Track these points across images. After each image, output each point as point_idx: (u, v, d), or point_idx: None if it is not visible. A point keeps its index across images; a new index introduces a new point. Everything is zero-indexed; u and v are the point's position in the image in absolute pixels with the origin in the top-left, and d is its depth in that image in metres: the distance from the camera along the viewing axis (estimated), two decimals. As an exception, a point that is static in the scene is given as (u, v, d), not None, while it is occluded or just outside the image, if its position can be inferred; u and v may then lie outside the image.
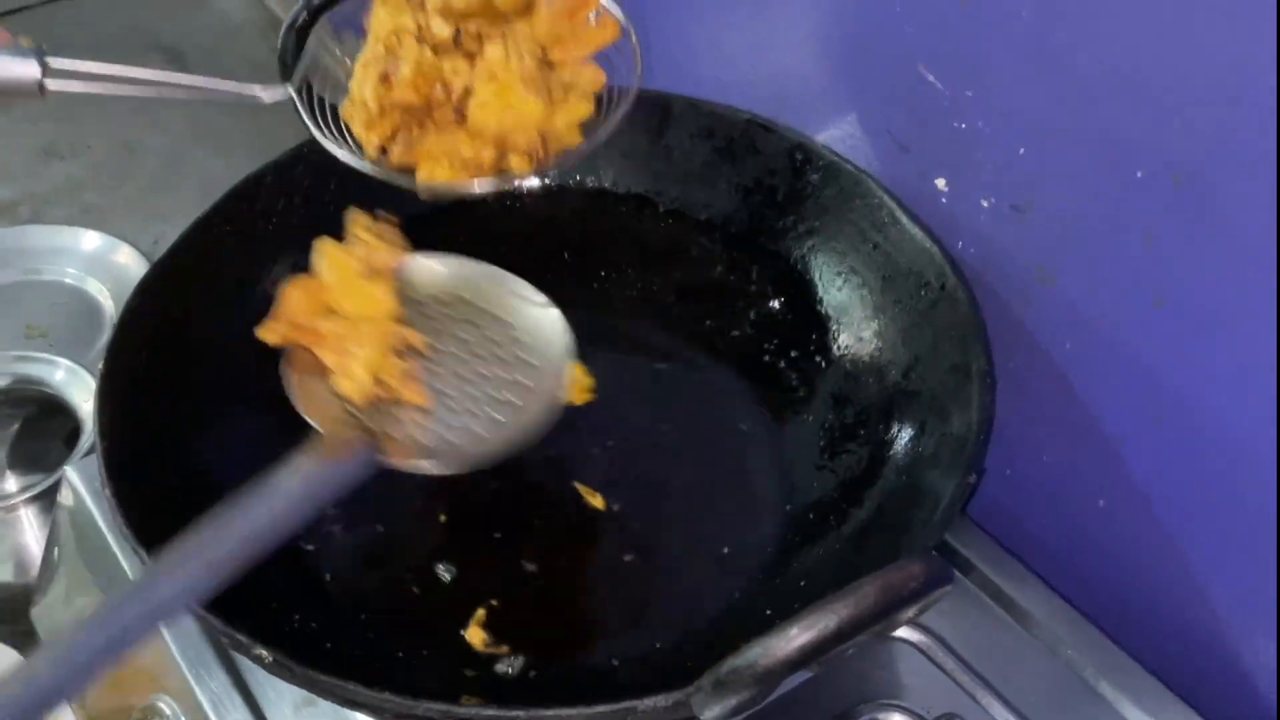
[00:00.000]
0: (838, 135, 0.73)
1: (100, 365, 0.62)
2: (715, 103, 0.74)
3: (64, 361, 0.91)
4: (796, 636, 0.43)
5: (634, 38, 0.63)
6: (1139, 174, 0.55)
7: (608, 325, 0.77)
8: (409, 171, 0.61)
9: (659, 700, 0.47)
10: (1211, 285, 0.54)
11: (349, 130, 0.63)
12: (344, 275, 0.59)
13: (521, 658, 0.59)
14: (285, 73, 0.75)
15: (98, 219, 1.21)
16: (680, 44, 0.82)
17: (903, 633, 0.65)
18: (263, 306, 0.71)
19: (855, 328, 0.70)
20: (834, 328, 0.71)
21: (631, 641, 0.61)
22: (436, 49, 0.61)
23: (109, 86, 0.57)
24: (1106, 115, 0.55)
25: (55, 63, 0.55)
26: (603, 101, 0.63)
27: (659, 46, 0.83)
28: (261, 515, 0.50)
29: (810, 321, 0.72)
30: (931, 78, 0.63)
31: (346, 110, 0.62)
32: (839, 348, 0.70)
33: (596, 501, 0.66)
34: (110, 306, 1.11)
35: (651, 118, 0.75)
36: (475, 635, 0.60)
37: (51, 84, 0.54)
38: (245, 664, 0.63)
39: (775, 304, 0.74)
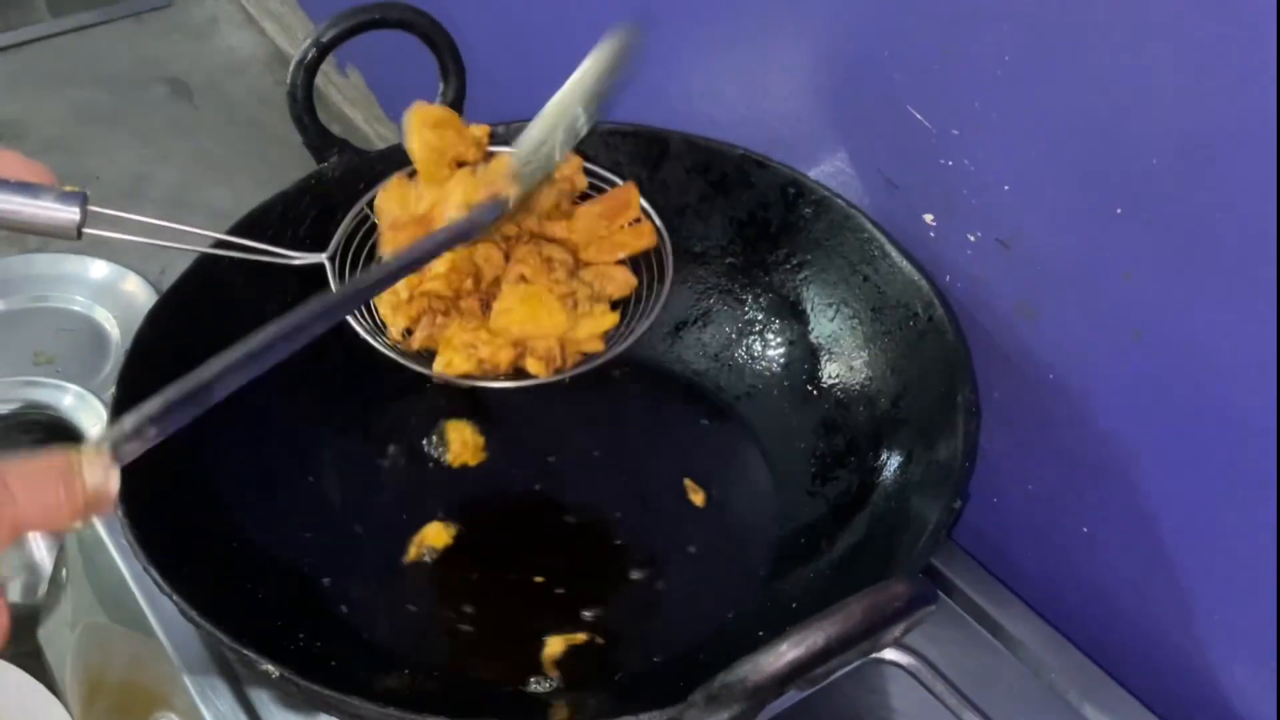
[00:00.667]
0: (829, 171, 0.75)
1: (111, 391, 0.63)
2: (710, 138, 0.76)
3: (73, 387, 0.93)
4: (786, 653, 0.45)
5: (668, 244, 0.64)
6: (1118, 211, 0.57)
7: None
8: (428, 355, 0.62)
9: (654, 716, 0.48)
10: (1187, 319, 0.56)
11: (374, 307, 0.64)
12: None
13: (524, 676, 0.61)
14: (294, 106, 0.77)
15: (105, 248, 1.23)
16: (677, 85, 0.84)
17: (891, 655, 0.66)
18: (270, 334, 0.73)
19: (846, 357, 0.71)
20: (825, 357, 0.72)
21: (627, 659, 0.62)
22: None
23: (143, 236, 0.59)
24: (1087, 154, 0.57)
25: (94, 210, 0.56)
26: (629, 305, 0.64)
27: (656, 87, 0.85)
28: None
29: (802, 350, 0.73)
30: (919, 118, 0.65)
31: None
32: (830, 377, 0.72)
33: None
34: (117, 334, 1.12)
35: (648, 153, 0.77)
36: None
37: (89, 230, 0.55)
38: (251, 682, 0.64)
39: (768, 333, 0.75)
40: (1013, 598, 0.70)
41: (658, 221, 0.66)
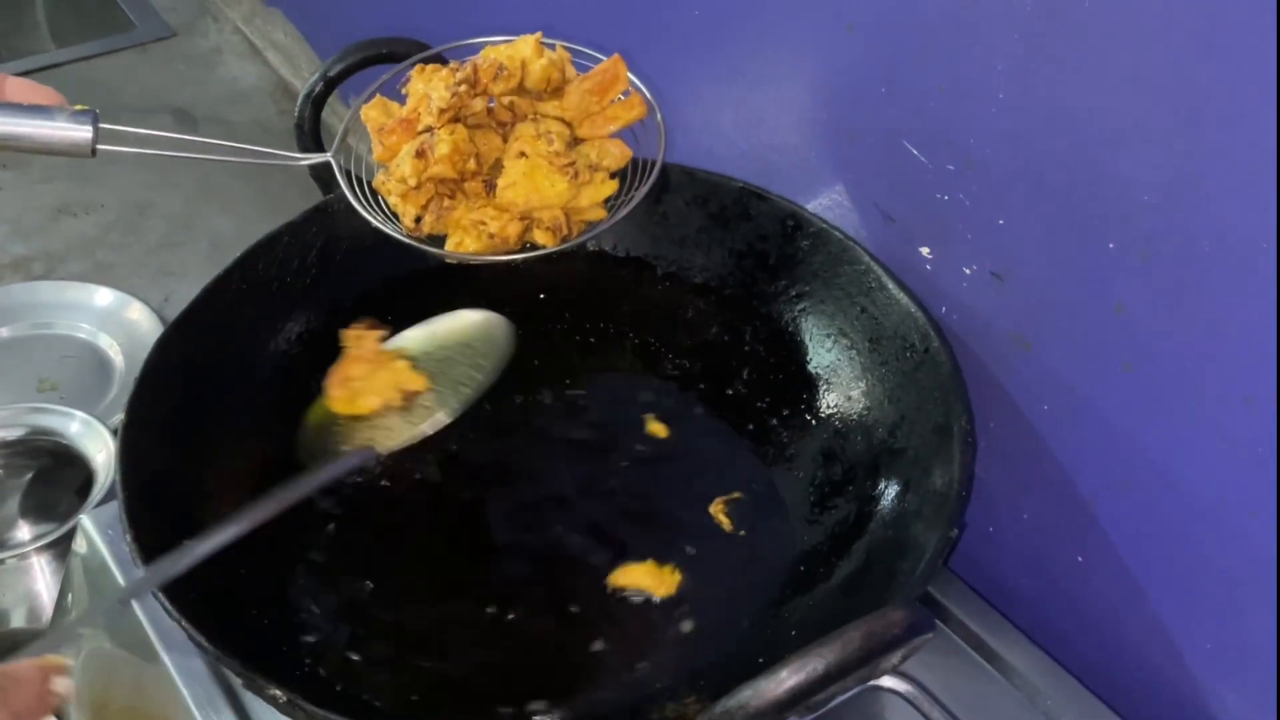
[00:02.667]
0: (826, 204, 0.76)
1: (121, 417, 0.64)
2: (710, 172, 0.77)
3: (79, 414, 0.93)
4: (786, 679, 0.46)
5: (659, 116, 0.66)
6: (1110, 246, 0.58)
7: (606, 383, 0.79)
8: (439, 239, 0.64)
9: (656, 741, 0.49)
10: (1178, 352, 0.57)
11: (383, 200, 0.66)
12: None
13: (526, 702, 0.61)
14: (302, 138, 0.78)
15: (110, 275, 1.24)
16: (675, 119, 0.85)
17: (888, 682, 0.67)
18: (277, 361, 0.74)
19: (844, 387, 0.72)
20: (823, 387, 0.73)
21: (630, 687, 0.63)
22: (470, 120, 0.64)
23: (153, 148, 0.60)
24: (1079, 190, 0.58)
25: (105, 126, 0.57)
26: (626, 176, 0.67)
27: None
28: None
29: (801, 381, 0.74)
30: (915, 153, 0.66)
31: (380, 183, 0.65)
32: (828, 406, 0.73)
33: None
34: (121, 361, 1.13)
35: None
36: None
37: (102, 145, 0.56)
38: (253, 706, 0.65)
39: (767, 364, 0.76)
40: (1008, 625, 0.70)
41: (646, 93, 0.67)
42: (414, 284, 0.78)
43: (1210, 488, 0.58)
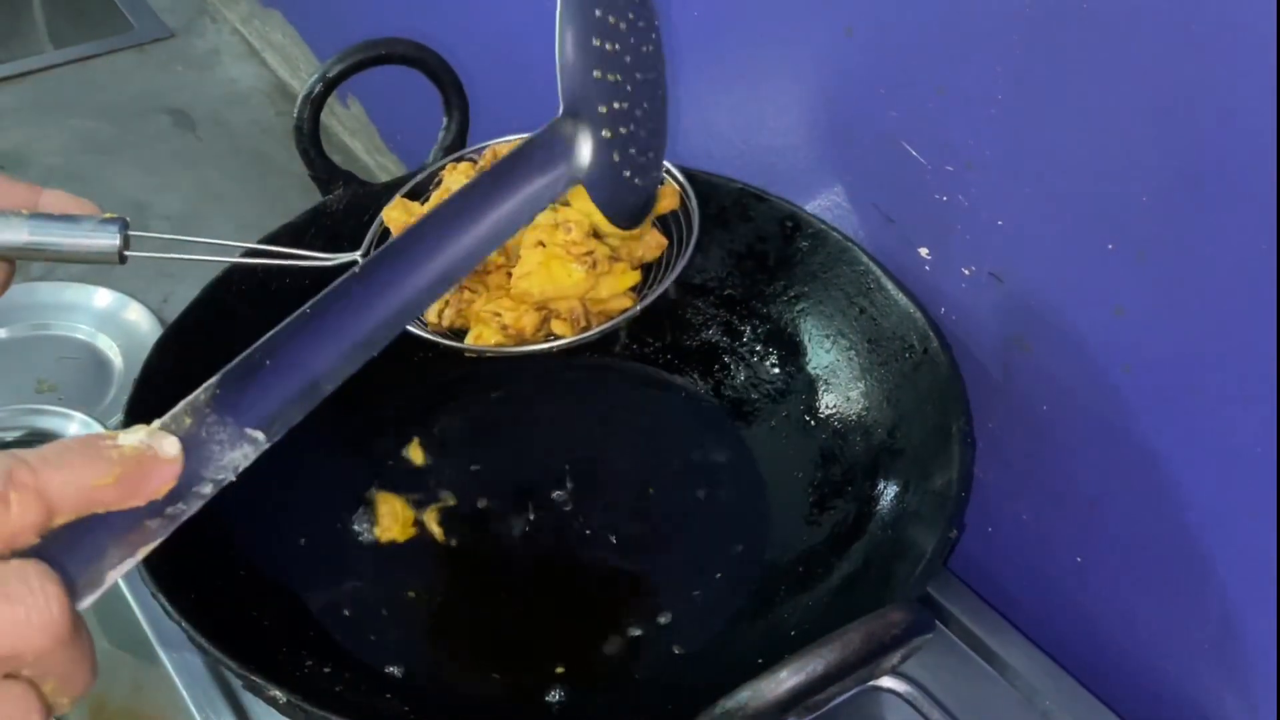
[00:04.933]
0: (825, 205, 0.76)
1: (120, 418, 0.64)
2: (709, 173, 0.77)
3: (78, 415, 0.93)
4: (786, 680, 0.46)
5: (693, 202, 0.65)
6: (1110, 247, 0.58)
7: (607, 384, 0.79)
8: (460, 333, 0.63)
9: (655, 742, 0.49)
10: (1177, 354, 0.57)
11: None
12: None
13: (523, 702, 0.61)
14: (300, 140, 0.78)
15: (108, 276, 1.23)
16: (674, 121, 0.85)
17: (888, 683, 0.67)
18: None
19: (843, 388, 0.72)
20: (822, 388, 0.73)
21: (626, 690, 0.63)
22: None
23: (180, 255, 0.60)
24: (1078, 191, 0.58)
25: (134, 234, 0.57)
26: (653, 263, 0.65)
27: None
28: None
29: (800, 381, 0.74)
30: (914, 154, 0.66)
31: None
32: (827, 407, 0.73)
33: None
34: (120, 362, 1.13)
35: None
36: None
37: (131, 252, 0.56)
38: (252, 707, 0.65)
39: (767, 364, 0.76)
40: (1007, 626, 0.70)
41: (680, 178, 0.66)
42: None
43: (1209, 489, 0.59)
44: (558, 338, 0.62)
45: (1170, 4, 0.51)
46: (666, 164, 0.66)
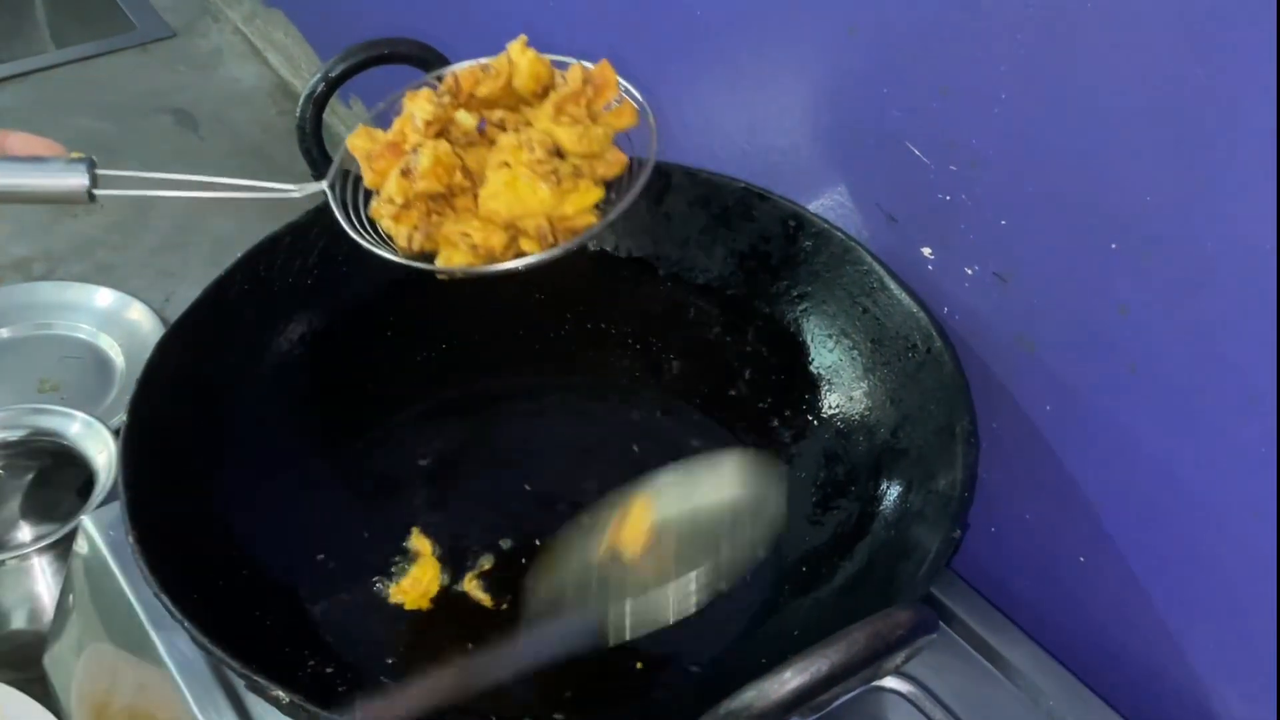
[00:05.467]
0: (829, 205, 0.76)
1: (123, 417, 0.64)
2: (712, 172, 0.77)
3: (80, 415, 0.93)
4: (790, 680, 0.46)
5: (652, 119, 0.65)
6: (1113, 246, 0.58)
7: (609, 383, 0.79)
8: (431, 257, 0.63)
9: (659, 742, 0.49)
10: (1182, 354, 0.57)
11: (376, 225, 0.66)
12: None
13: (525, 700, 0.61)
14: (304, 139, 0.78)
15: (110, 276, 1.24)
16: (676, 120, 0.85)
17: (891, 683, 0.67)
18: (279, 362, 0.74)
19: (846, 388, 0.72)
20: (825, 388, 0.73)
21: (631, 690, 0.63)
22: (461, 139, 0.64)
23: (150, 191, 0.60)
24: (1082, 191, 0.58)
25: (102, 172, 0.57)
26: (620, 177, 0.65)
27: (658, 120, 0.86)
28: None
29: (803, 381, 0.74)
30: (918, 154, 0.66)
31: (375, 209, 0.65)
32: (830, 407, 0.73)
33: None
34: (121, 362, 1.13)
35: (651, 186, 0.78)
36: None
37: (99, 191, 0.56)
38: (255, 707, 0.65)
39: (770, 364, 0.76)
40: (1011, 626, 0.70)
41: (638, 97, 0.66)
42: (417, 285, 0.78)
43: (1214, 489, 0.58)
44: (525, 255, 0.62)
45: (1174, 3, 0.51)
46: (623, 82, 0.66)
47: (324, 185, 0.65)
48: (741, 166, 0.80)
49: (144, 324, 1.16)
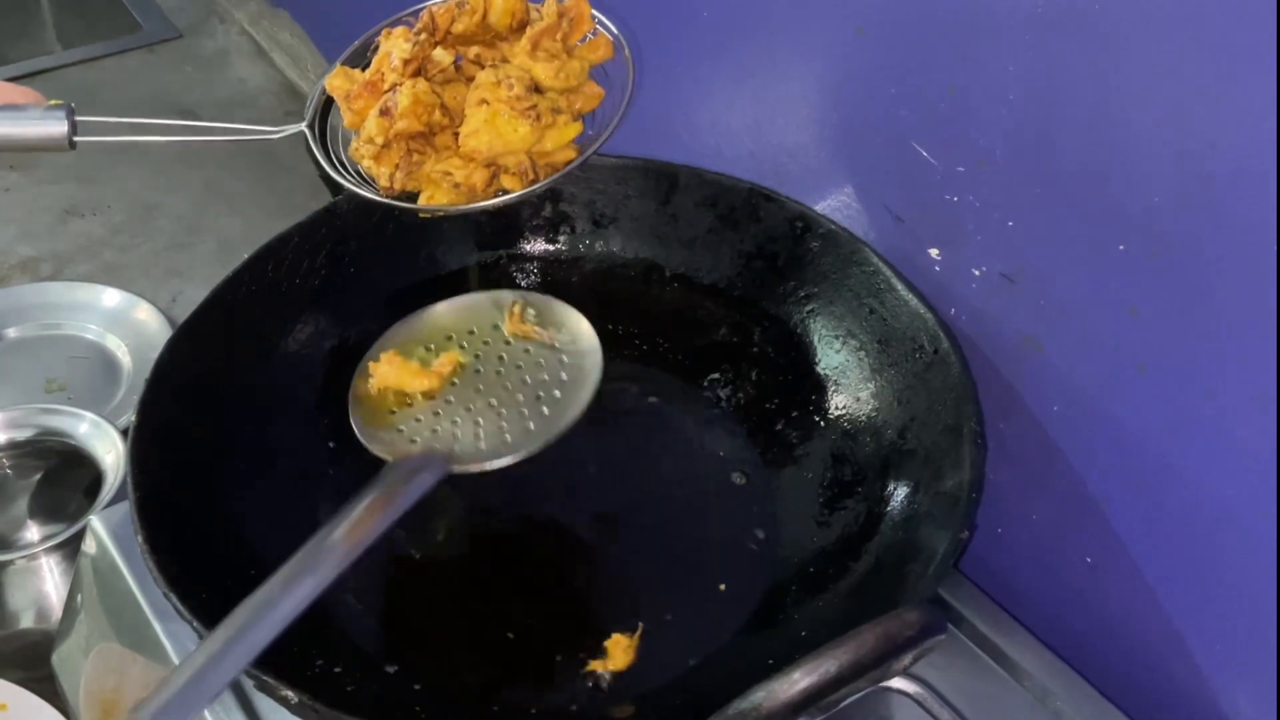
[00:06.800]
0: (835, 206, 0.76)
1: (131, 417, 0.64)
2: (719, 173, 0.77)
3: (88, 414, 0.93)
4: (799, 680, 0.46)
5: (627, 52, 0.65)
6: (1121, 247, 0.58)
7: (616, 385, 0.79)
8: (414, 196, 0.64)
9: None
10: (1191, 354, 0.57)
11: (357, 167, 0.66)
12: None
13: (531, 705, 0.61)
14: (311, 132, 0.78)
15: (117, 276, 1.24)
16: (684, 120, 0.85)
17: (898, 683, 0.67)
18: (287, 362, 0.74)
19: (853, 389, 0.72)
20: (832, 388, 0.73)
21: (637, 691, 0.63)
22: (438, 77, 0.64)
23: (131, 136, 0.60)
24: (1090, 191, 0.58)
25: (82, 119, 0.58)
26: (595, 113, 0.66)
27: (663, 121, 0.86)
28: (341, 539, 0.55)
29: (810, 382, 0.74)
30: (925, 154, 0.66)
31: (354, 149, 0.65)
32: (837, 408, 0.73)
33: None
34: (129, 362, 1.13)
35: (658, 187, 0.78)
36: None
37: (79, 138, 0.56)
38: (264, 707, 0.65)
39: (776, 365, 0.76)
40: (1018, 627, 0.70)
41: (613, 29, 0.66)
42: (424, 286, 0.78)
43: (1222, 489, 0.58)
44: (507, 192, 0.63)
45: (1180, 5, 0.51)
46: (597, 14, 0.66)
47: (303, 126, 0.66)
48: (748, 167, 0.80)
49: (151, 324, 1.16)
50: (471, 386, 0.66)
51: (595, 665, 0.62)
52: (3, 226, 1.30)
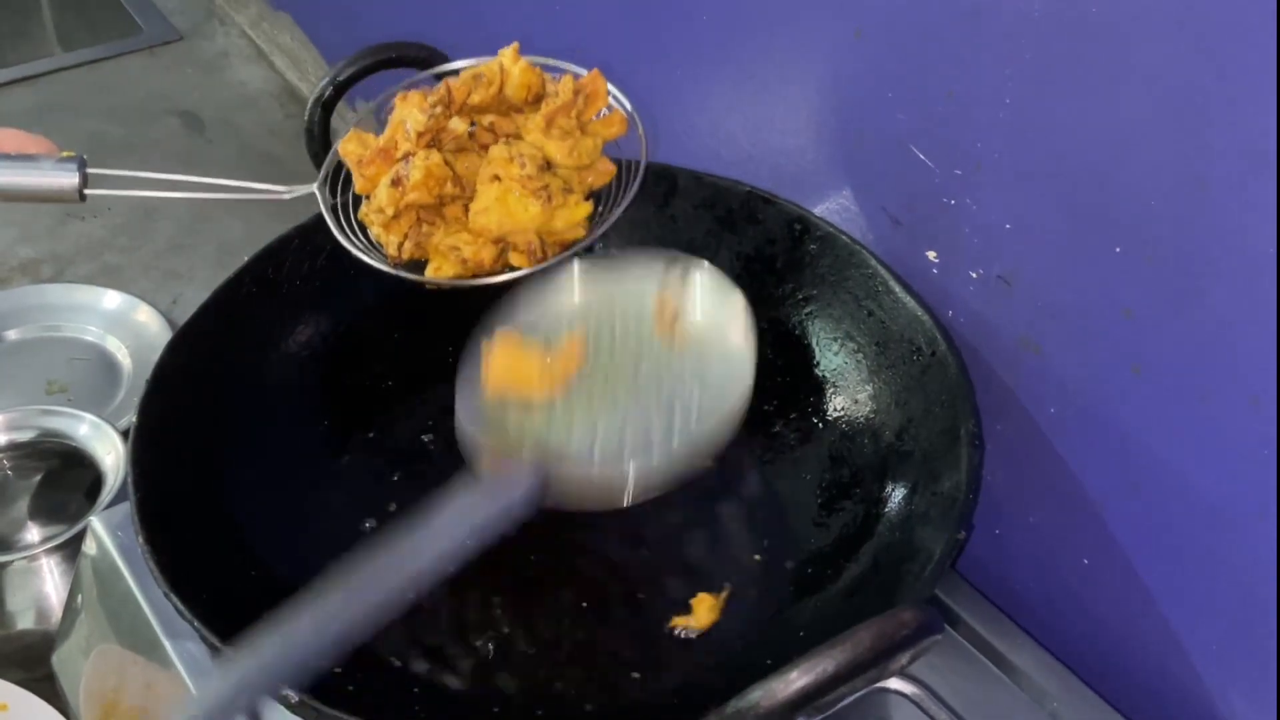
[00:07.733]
0: (833, 208, 0.76)
1: (131, 419, 0.64)
2: (717, 175, 0.77)
3: (88, 416, 0.93)
4: (796, 680, 0.46)
5: (640, 128, 0.65)
6: (1117, 250, 0.58)
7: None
8: (421, 265, 0.64)
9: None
10: (1186, 356, 0.57)
11: (365, 229, 0.66)
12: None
13: (529, 705, 0.62)
14: (311, 143, 0.78)
15: (118, 278, 1.24)
16: (683, 123, 0.86)
17: (895, 684, 0.67)
18: (287, 364, 0.75)
19: (851, 391, 0.73)
20: (830, 391, 0.73)
21: (637, 688, 0.63)
22: (451, 145, 0.64)
23: (141, 191, 0.60)
24: (1086, 194, 0.59)
25: (93, 171, 0.58)
26: (610, 187, 0.66)
27: (662, 124, 0.87)
28: (417, 556, 0.52)
29: (808, 384, 0.74)
30: (923, 158, 0.67)
31: (364, 214, 0.65)
32: (835, 410, 0.73)
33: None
34: (129, 364, 1.13)
35: (657, 189, 0.78)
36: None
37: (90, 191, 0.56)
38: (263, 707, 0.65)
39: (774, 367, 0.76)
40: (1015, 628, 0.70)
41: (627, 105, 0.66)
42: (424, 287, 0.78)
43: (1218, 490, 0.59)
44: (515, 269, 0.63)
45: (1177, 8, 0.51)
46: (612, 89, 0.66)
47: (314, 188, 0.66)
48: (746, 170, 0.80)
49: (151, 326, 1.16)
50: (597, 385, 0.60)
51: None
52: (3, 228, 1.30)
